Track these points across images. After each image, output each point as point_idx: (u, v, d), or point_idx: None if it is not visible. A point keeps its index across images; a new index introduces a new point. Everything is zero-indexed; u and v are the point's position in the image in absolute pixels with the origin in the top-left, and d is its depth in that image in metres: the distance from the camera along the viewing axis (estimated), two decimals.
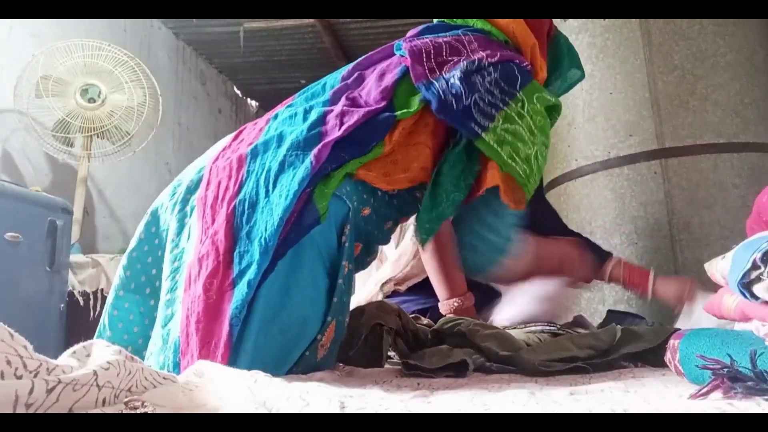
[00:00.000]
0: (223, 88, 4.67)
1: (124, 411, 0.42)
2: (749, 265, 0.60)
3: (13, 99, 2.41)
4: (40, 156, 2.71)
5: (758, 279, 0.60)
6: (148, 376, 0.48)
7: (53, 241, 1.96)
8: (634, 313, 1.61)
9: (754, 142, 1.83)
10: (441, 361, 0.84)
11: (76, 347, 0.50)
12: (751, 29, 1.94)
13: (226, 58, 4.28)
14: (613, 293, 1.88)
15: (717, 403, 0.44)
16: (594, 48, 2.04)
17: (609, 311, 1.61)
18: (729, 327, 0.75)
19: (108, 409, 0.42)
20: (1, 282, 1.77)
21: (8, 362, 0.39)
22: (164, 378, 0.50)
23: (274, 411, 0.46)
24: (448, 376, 0.81)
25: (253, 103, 5.09)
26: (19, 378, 0.39)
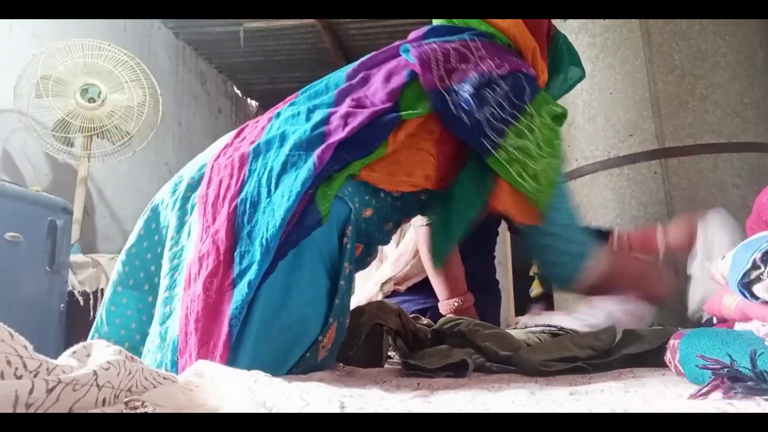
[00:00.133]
0: (223, 88, 4.67)
1: (124, 411, 0.42)
2: (749, 265, 0.60)
3: (13, 99, 2.41)
4: (40, 156, 2.71)
5: (758, 279, 0.60)
6: (148, 376, 0.48)
7: (53, 241, 1.96)
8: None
9: (754, 142, 1.83)
10: (441, 361, 0.84)
11: (76, 347, 0.50)
12: (751, 29, 1.94)
13: (226, 58, 4.28)
14: None
15: (717, 403, 0.44)
16: (594, 48, 2.04)
17: None
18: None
19: (108, 409, 0.42)
20: (1, 282, 1.77)
21: (8, 362, 0.39)
22: (164, 378, 0.50)
23: (274, 411, 0.46)
24: (448, 376, 0.81)
25: (253, 103, 5.09)
26: (19, 378, 0.39)
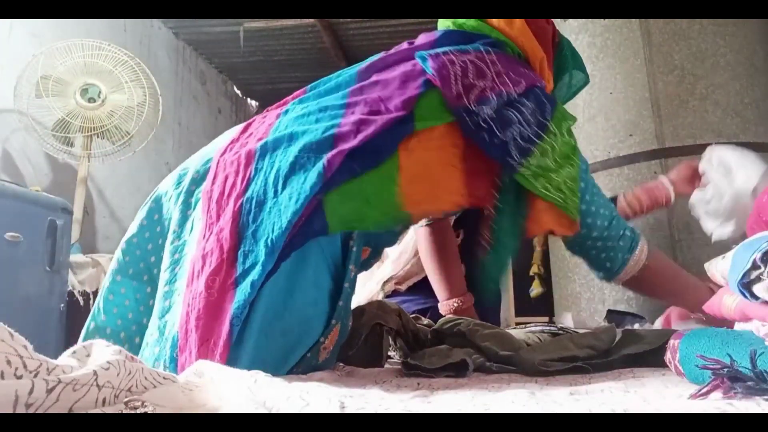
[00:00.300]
0: (223, 88, 4.67)
1: (124, 411, 0.42)
2: (749, 265, 0.60)
3: (13, 99, 2.41)
4: (40, 156, 2.71)
5: (758, 279, 0.60)
6: (148, 376, 0.48)
7: (53, 241, 1.96)
8: (634, 313, 1.61)
9: (754, 142, 1.83)
10: (441, 361, 0.84)
11: (76, 347, 0.50)
12: (751, 29, 1.94)
13: (226, 58, 4.28)
14: (613, 293, 1.88)
15: (717, 403, 0.44)
16: (594, 48, 2.04)
17: (609, 311, 1.62)
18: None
19: (108, 409, 0.42)
20: (1, 282, 1.77)
21: (8, 362, 0.39)
22: (164, 378, 0.50)
23: (274, 411, 0.46)
24: (448, 376, 0.81)
25: (253, 103, 5.09)
26: (19, 378, 0.39)
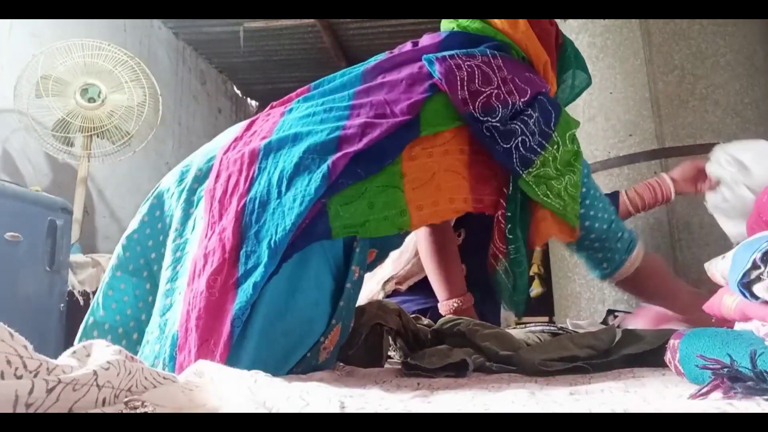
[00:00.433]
0: (223, 88, 4.67)
1: (124, 411, 0.42)
2: (749, 265, 0.60)
3: (13, 99, 2.40)
4: (40, 156, 2.71)
5: (758, 279, 0.60)
6: (148, 376, 0.48)
7: (53, 241, 1.96)
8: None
9: None
10: (441, 360, 0.84)
11: (76, 347, 0.50)
12: (751, 29, 1.94)
13: (226, 58, 4.28)
14: (613, 293, 1.88)
15: (717, 403, 0.44)
16: (594, 48, 2.04)
17: (609, 311, 1.62)
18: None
19: (108, 409, 0.42)
20: (1, 282, 1.77)
21: (8, 362, 0.39)
22: (164, 378, 0.50)
23: (274, 411, 0.46)
24: (448, 376, 0.81)
25: (253, 102, 5.09)
26: (19, 378, 0.39)
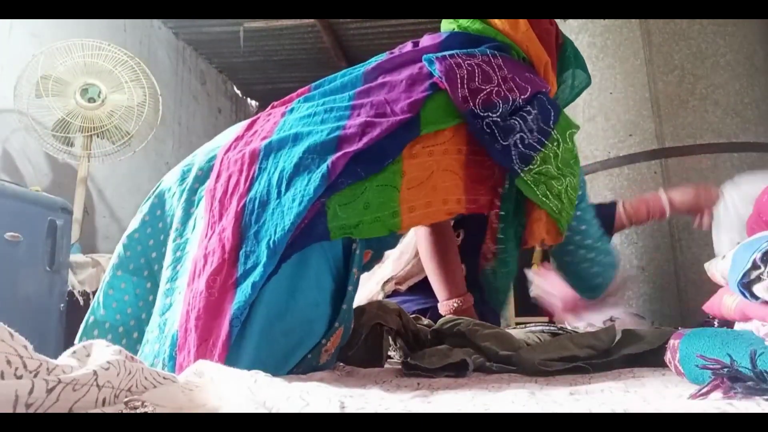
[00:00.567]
0: (223, 88, 4.67)
1: (124, 411, 0.42)
2: (749, 265, 0.60)
3: (13, 99, 2.40)
4: (40, 156, 2.71)
5: (758, 279, 0.60)
6: (148, 376, 0.48)
7: (53, 241, 1.96)
8: (634, 312, 1.61)
9: (753, 142, 1.83)
10: (441, 360, 0.84)
11: (76, 347, 0.50)
12: (751, 29, 1.94)
13: (226, 58, 4.28)
14: None
15: (717, 403, 0.44)
16: (594, 48, 2.04)
17: None
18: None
19: (108, 409, 0.42)
20: (1, 282, 1.77)
21: (8, 362, 0.39)
22: (164, 378, 0.50)
23: (274, 411, 0.46)
24: (448, 376, 0.81)
25: (253, 102, 5.09)
26: (19, 378, 0.39)
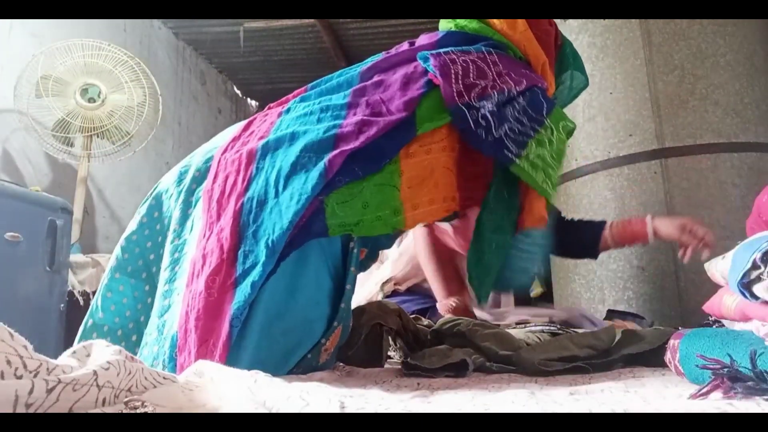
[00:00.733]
0: (223, 88, 4.67)
1: (124, 411, 0.42)
2: (749, 265, 0.60)
3: (13, 99, 2.40)
4: (40, 156, 2.71)
5: (758, 279, 0.60)
6: (148, 376, 0.48)
7: (53, 241, 1.96)
8: (634, 312, 1.61)
9: (754, 142, 1.83)
10: (441, 361, 0.84)
11: (76, 347, 0.50)
12: (751, 29, 1.94)
13: (226, 58, 4.28)
14: (613, 293, 1.88)
15: (717, 403, 0.44)
16: (594, 48, 2.04)
17: (609, 311, 1.62)
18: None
19: (108, 409, 0.42)
20: (1, 282, 1.77)
21: (8, 362, 0.39)
22: (164, 378, 0.50)
23: (274, 411, 0.46)
24: (448, 376, 0.81)
25: (253, 103, 5.09)
26: (19, 378, 0.39)
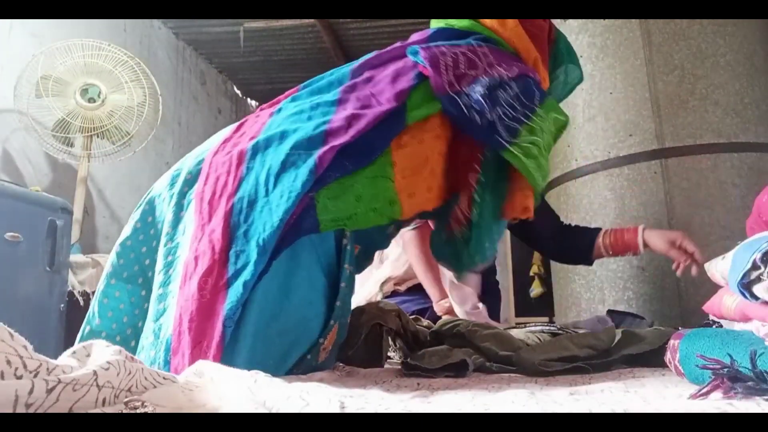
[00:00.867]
0: (223, 88, 4.67)
1: (124, 411, 0.42)
2: (749, 266, 0.60)
3: (13, 99, 2.40)
4: (40, 156, 2.71)
5: (758, 279, 0.60)
6: (148, 376, 0.48)
7: (53, 241, 1.96)
8: (634, 313, 1.61)
9: (754, 142, 1.83)
10: (441, 361, 0.84)
11: (76, 347, 0.50)
12: (751, 29, 1.94)
13: (226, 58, 4.28)
14: (613, 293, 1.88)
15: (717, 403, 0.44)
16: (594, 48, 2.04)
17: (609, 311, 1.61)
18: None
19: (108, 409, 0.42)
20: (1, 282, 1.77)
21: (8, 362, 0.39)
22: (164, 378, 0.50)
23: (274, 411, 0.46)
24: (448, 376, 0.81)
25: (253, 103, 5.09)
26: (19, 378, 0.39)
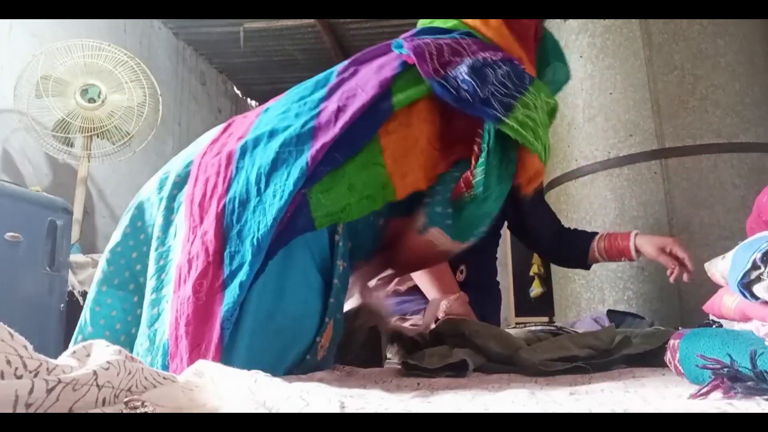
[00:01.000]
0: (223, 88, 4.67)
1: (124, 411, 0.42)
2: (749, 265, 0.60)
3: (13, 99, 2.40)
4: (40, 156, 2.71)
5: (758, 279, 0.60)
6: (148, 376, 0.48)
7: (53, 241, 1.96)
8: (634, 313, 1.61)
9: (754, 142, 1.83)
10: (441, 361, 0.84)
11: (76, 347, 0.50)
12: (751, 29, 1.94)
13: (226, 58, 4.28)
14: (613, 293, 1.88)
15: (717, 403, 0.44)
16: (594, 48, 2.04)
17: (609, 311, 1.61)
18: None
19: (108, 409, 0.42)
20: (1, 282, 1.77)
21: (8, 362, 0.39)
22: (164, 378, 0.50)
23: (274, 411, 0.46)
24: (448, 376, 0.81)
25: (254, 103, 5.09)
26: (19, 378, 0.39)
